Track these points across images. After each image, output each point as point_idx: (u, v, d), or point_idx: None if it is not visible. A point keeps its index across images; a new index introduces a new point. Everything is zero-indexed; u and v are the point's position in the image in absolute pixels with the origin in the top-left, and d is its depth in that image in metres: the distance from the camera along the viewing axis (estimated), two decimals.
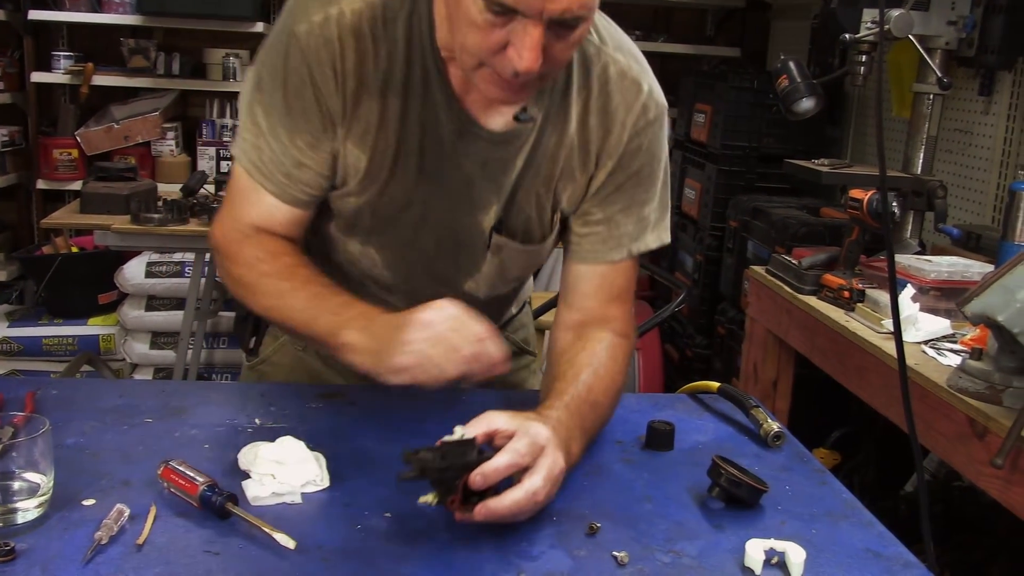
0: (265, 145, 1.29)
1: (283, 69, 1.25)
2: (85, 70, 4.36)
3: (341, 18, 1.22)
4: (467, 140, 1.30)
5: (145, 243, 3.46)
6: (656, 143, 1.37)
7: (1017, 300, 1.53)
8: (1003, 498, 1.66)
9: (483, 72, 1.16)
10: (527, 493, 1.05)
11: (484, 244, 1.39)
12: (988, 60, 2.73)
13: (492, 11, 1.08)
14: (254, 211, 1.33)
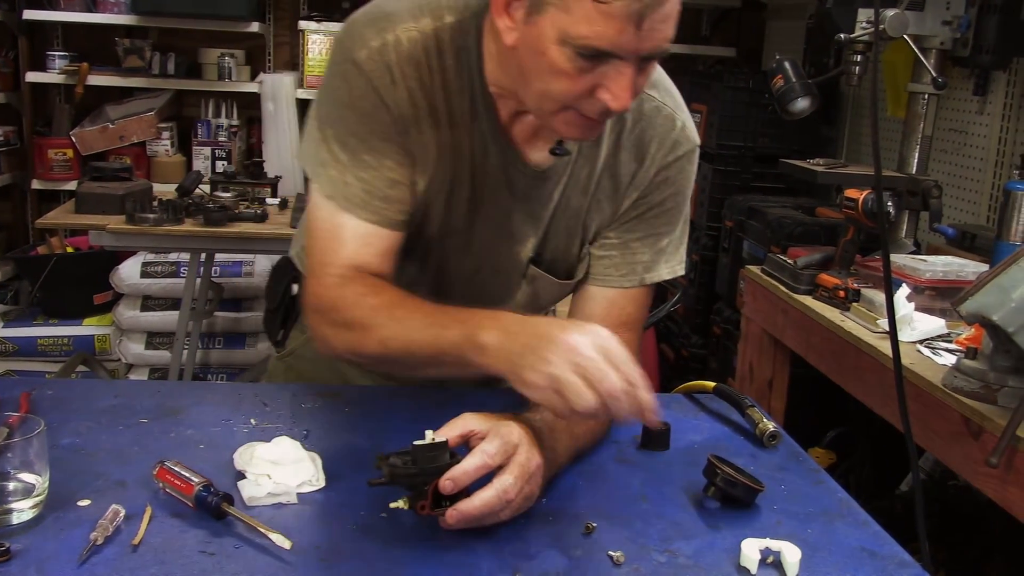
0: (352, 178, 1.26)
1: (349, 95, 1.24)
2: (80, 70, 4.35)
3: (398, 45, 1.23)
4: (511, 174, 1.32)
5: (140, 243, 3.45)
6: (683, 178, 1.39)
7: (1012, 299, 1.53)
8: (998, 497, 1.66)
9: (566, 115, 1.17)
10: (497, 491, 1.04)
11: (520, 274, 1.42)
12: (983, 60, 2.73)
13: (583, 57, 1.09)
14: (348, 249, 1.27)
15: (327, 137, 1.27)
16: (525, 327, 1.09)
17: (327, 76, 1.28)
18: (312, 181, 1.30)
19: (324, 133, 1.28)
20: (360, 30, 1.25)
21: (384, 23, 1.24)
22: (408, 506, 1.06)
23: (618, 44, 1.07)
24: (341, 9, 4.54)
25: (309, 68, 4.43)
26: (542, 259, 1.42)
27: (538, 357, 1.04)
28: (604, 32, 1.07)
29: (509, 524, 1.08)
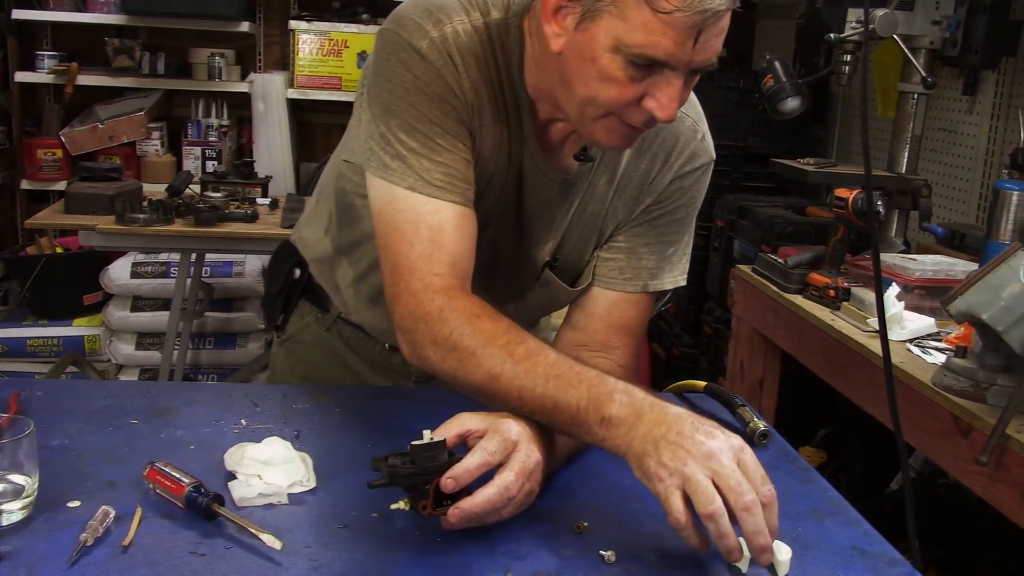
0: (429, 163, 1.20)
1: (416, 81, 1.21)
2: (69, 70, 4.34)
3: (457, 37, 1.22)
4: (539, 177, 1.32)
5: (130, 243, 3.44)
6: (697, 190, 1.41)
7: (1001, 298, 1.54)
8: (988, 495, 1.67)
9: (608, 121, 1.16)
10: (499, 488, 1.04)
11: (534, 278, 1.43)
12: (972, 60, 2.74)
13: (635, 66, 1.10)
14: (446, 240, 1.20)
15: (392, 129, 1.21)
16: (660, 413, 1.04)
17: (381, 68, 1.23)
18: (382, 178, 1.22)
19: (388, 126, 1.22)
20: (416, 21, 1.22)
21: (439, 15, 1.22)
22: (409, 507, 1.06)
23: (673, 55, 1.08)
24: (331, 9, 4.53)
25: (299, 68, 4.43)
26: (557, 263, 1.43)
27: (674, 453, 1.00)
28: (661, 42, 1.07)
29: (501, 523, 1.08)
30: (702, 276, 3.73)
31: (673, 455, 1.00)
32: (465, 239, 1.23)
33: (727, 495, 0.98)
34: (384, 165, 1.22)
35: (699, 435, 1.01)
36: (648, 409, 1.05)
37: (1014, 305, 1.53)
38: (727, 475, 0.98)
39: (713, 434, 1.01)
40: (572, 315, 1.44)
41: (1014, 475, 1.58)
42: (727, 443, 1.01)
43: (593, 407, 1.07)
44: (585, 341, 1.40)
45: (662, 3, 1.05)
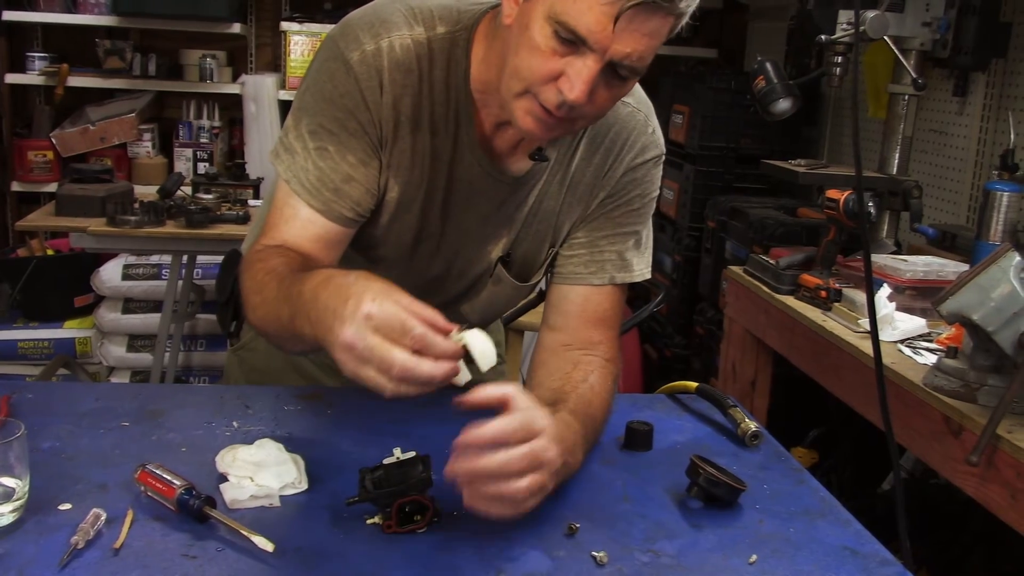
0: (311, 165, 1.28)
1: (333, 91, 1.27)
2: (60, 71, 4.32)
3: (391, 51, 1.26)
4: (488, 182, 1.34)
5: (121, 245, 3.43)
6: (649, 182, 1.43)
7: (991, 299, 1.55)
8: (978, 495, 1.67)
9: (525, 101, 1.17)
10: (497, 433, 1.02)
11: (488, 275, 1.45)
12: (962, 61, 2.75)
13: (558, 38, 1.11)
14: (287, 227, 1.30)
15: (300, 125, 1.30)
16: (330, 286, 1.04)
17: (315, 69, 1.30)
18: (276, 163, 1.32)
19: (299, 121, 1.30)
20: (356, 32, 1.27)
21: (380, 28, 1.26)
22: (381, 521, 1.08)
23: (592, 32, 1.09)
24: (322, 10, 4.53)
25: (291, 69, 4.42)
26: (512, 260, 1.45)
27: (339, 318, 0.99)
28: (584, 15, 1.08)
29: (492, 525, 1.08)
30: (694, 277, 3.74)
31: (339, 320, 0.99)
32: (308, 239, 1.29)
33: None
34: (282, 153, 1.31)
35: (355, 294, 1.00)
36: (322, 286, 1.05)
37: (1004, 306, 1.54)
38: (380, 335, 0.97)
39: (364, 300, 0.99)
40: (548, 317, 1.45)
41: (1004, 475, 1.59)
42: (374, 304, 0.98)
43: (301, 312, 1.08)
44: (567, 340, 1.41)
45: None
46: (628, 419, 1.39)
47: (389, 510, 1.07)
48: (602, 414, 1.31)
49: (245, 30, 4.56)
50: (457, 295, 1.48)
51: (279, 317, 1.14)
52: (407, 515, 1.07)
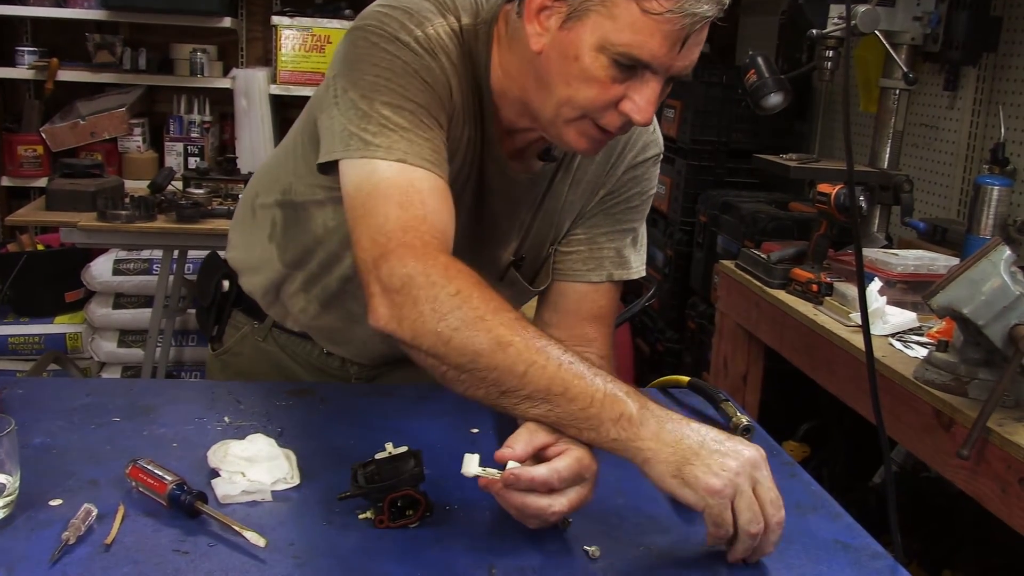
0: (418, 139, 1.16)
1: (404, 66, 1.18)
2: (50, 65, 4.30)
3: (439, 37, 1.22)
4: (503, 180, 1.34)
5: (112, 240, 3.42)
6: (648, 180, 1.44)
7: (982, 293, 1.55)
8: (969, 488, 1.68)
9: (582, 124, 1.17)
10: (549, 476, 1.02)
11: (498, 277, 1.44)
12: (953, 55, 2.75)
13: (618, 66, 1.10)
14: (431, 204, 1.13)
15: (376, 108, 1.16)
16: (678, 418, 1.03)
17: (364, 55, 1.19)
18: (364, 157, 1.15)
19: (371, 106, 1.16)
20: (398, 20, 1.20)
21: (420, 16, 1.22)
22: (373, 516, 1.08)
23: (657, 57, 1.09)
24: (313, 4, 4.52)
25: (282, 63, 4.41)
26: (521, 262, 1.44)
27: (721, 462, 0.99)
28: (647, 43, 1.08)
29: (485, 519, 1.08)
30: (686, 271, 3.74)
31: (721, 464, 0.99)
32: (451, 213, 1.17)
33: (765, 508, 1.00)
34: (366, 143, 1.15)
35: (730, 442, 1.01)
36: (664, 414, 1.03)
37: (994, 300, 1.54)
38: (769, 487, 1.01)
39: (741, 440, 1.03)
40: (543, 314, 1.45)
41: (995, 468, 1.60)
42: (758, 451, 1.02)
43: (610, 401, 1.01)
44: (562, 336, 1.38)
45: (653, 4, 1.06)
46: None
47: (381, 505, 1.07)
48: None
49: (236, 24, 4.54)
50: None
51: (557, 376, 1.03)
52: (399, 510, 1.07)
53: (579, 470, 1.04)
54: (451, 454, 1.22)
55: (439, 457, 1.20)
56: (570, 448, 1.05)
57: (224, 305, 1.63)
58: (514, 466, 1.03)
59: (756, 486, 1.00)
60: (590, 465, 1.06)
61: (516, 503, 1.03)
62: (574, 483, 1.04)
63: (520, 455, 1.04)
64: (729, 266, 2.79)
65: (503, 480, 1.02)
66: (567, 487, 1.04)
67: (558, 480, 1.02)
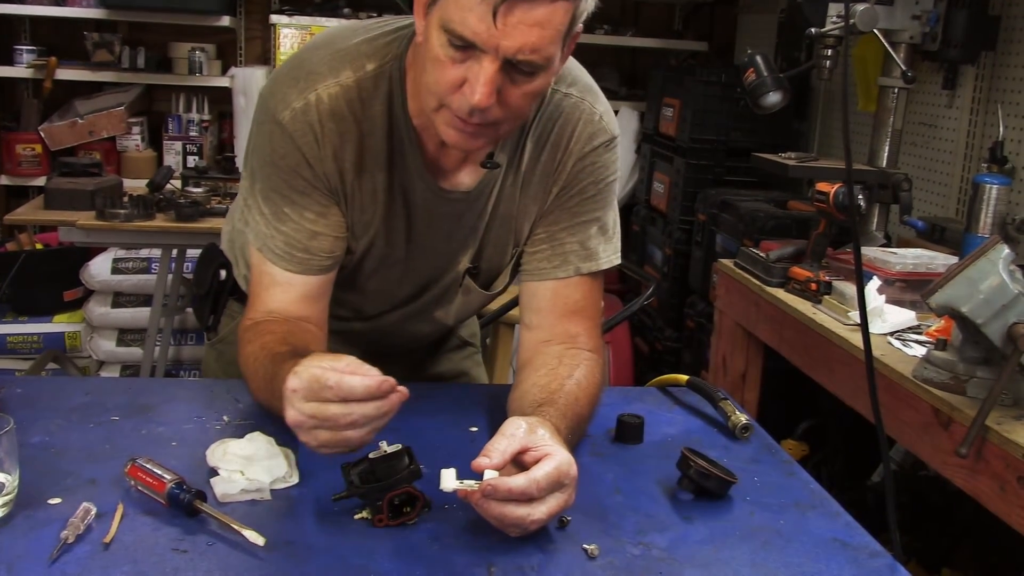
0: (274, 231, 1.31)
1: (273, 153, 1.28)
2: (48, 64, 4.29)
3: (320, 104, 1.26)
4: (443, 203, 1.36)
5: (111, 239, 3.42)
6: (602, 166, 1.40)
7: (980, 291, 1.55)
8: (968, 487, 1.68)
9: (442, 114, 1.19)
10: (527, 487, 1.03)
11: (457, 285, 1.46)
12: (951, 54, 2.75)
13: (453, 45, 1.12)
14: (268, 297, 1.34)
15: (254, 190, 1.33)
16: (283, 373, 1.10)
17: (254, 132, 1.33)
18: (245, 228, 1.37)
19: (252, 185, 1.33)
20: (283, 90, 1.28)
21: (305, 82, 1.27)
22: (370, 516, 1.08)
23: (478, 33, 1.09)
24: (312, 3, 4.51)
25: (281, 62, 4.40)
26: (479, 270, 1.46)
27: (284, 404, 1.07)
28: (467, 18, 1.09)
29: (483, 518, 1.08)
30: (684, 270, 3.74)
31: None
32: (292, 301, 1.33)
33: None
34: (247, 218, 1.36)
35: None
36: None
37: (993, 298, 1.55)
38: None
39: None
40: (524, 318, 1.45)
41: (994, 467, 1.60)
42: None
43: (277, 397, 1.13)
44: (546, 337, 1.40)
45: None
46: (619, 412, 1.39)
47: (379, 504, 1.06)
48: (589, 410, 1.31)
49: (235, 23, 4.54)
50: (430, 305, 1.49)
51: (269, 405, 1.21)
52: (396, 508, 1.07)
53: (558, 477, 1.05)
54: (450, 452, 1.22)
55: (437, 455, 1.20)
56: (550, 454, 1.06)
57: (220, 294, 1.65)
58: (492, 475, 1.03)
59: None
60: (568, 471, 1.06)
61: (495, 513, 1.03)
62: (553, 490, 1.05)
63: (497, 464, 1.05)
64: (728, 265, 2.79)
65: (481, 491, 1.02)
66: (547, 495, 1.04)
67: (536, 489, 1.03)
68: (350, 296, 1.45)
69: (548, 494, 1.04)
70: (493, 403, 1.41)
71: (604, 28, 4.56)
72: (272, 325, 1.30)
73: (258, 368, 1.24)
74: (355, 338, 1.56)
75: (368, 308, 1.49)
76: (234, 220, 1.58)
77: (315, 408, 1.04)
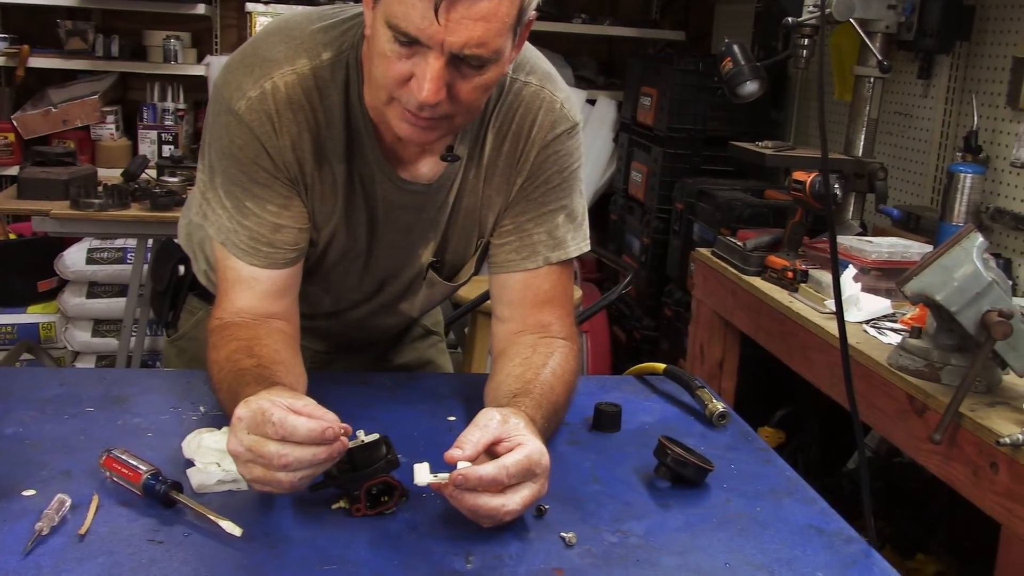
0: (237, 225, 1.29)
1: (231, 145, 1.26)
2: (20, 52, 4.24)
3: (276, 92, 1.24)
4: (403, 195, 1.34)
5: (85, 229, 3.39)
6: (565, 155, 1.38)
7: (954, 279, 1.56)
8: (941, 473, 1.70)
9: (393, 107, 1.18)
10: (499, 471, 1.03)
11: (421, 278, 1.45)
12: (927, 44, 2.77)
13: (398, 42, 1.11)
14: (236, 294, 1.31)
15: (214, 184, 1.30)
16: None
17: (210, 124, 1.29)
18: (205, 223, 1.34)
19: (212, 179, 1.30)
20: (238, 79, 1.25)
21: (261, 70, 1.24)
22: (348, 505, 1.08)
23: (420, 29, 1.08)
24: None
25: None
26: (442, 263, 1.45)
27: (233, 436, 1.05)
28: (410, 14, 1.08)
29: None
30: (662, 259, 3.75)
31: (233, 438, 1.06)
32: (257, 297, 1.31)
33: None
34: (207, 212, 1.33)
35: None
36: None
37: (967, 286, 1.56)
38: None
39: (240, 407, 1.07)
40: (496, 310, 1.44)
41: (967, 453, 1.61)
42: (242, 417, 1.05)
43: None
44: (518, 328, 1.40)
45: None
46: (596, 400, 1.39)
47: (357, 494, 1.06)
48: (565, 398, 1.31)
49: (210, 11, 4.50)
50: (394, 298, 1.48)
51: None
52: (374, 497, 1.07)
53: (528, 465, 1.05)
54: (428, 442, 1.23)
55: (415, 445, 1.20)
56: (521, 444, 1.06)
57: (179, 290, 1.63)
58: (464, 466, 1.03)
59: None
60: (540, 460, 1.06)
61: (468, 504, 1.03)
62: (525, 479, 1.05)
63: (469, 455, 1.05)
64: (705, 254, 2.80)
65: (452, 481, 1.02)
66: (518, 483, 1.04)
67: (507, 476, 1.03)
68: (314, 291, 1.44)
69: (519, 482, 1.04)
70: (470, 393, 1.41)
71: (582, 17, 4.55)
72: (239, 330, 1.27)
73: (222, 380, 1.21)
74: (320, 333, 1.55)
75: (332, 303, 1.47)
76: (191, 214, 1.55)
77: (253, 442, 1.01)
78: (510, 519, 1.05)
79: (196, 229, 1.52)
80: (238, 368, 1.19)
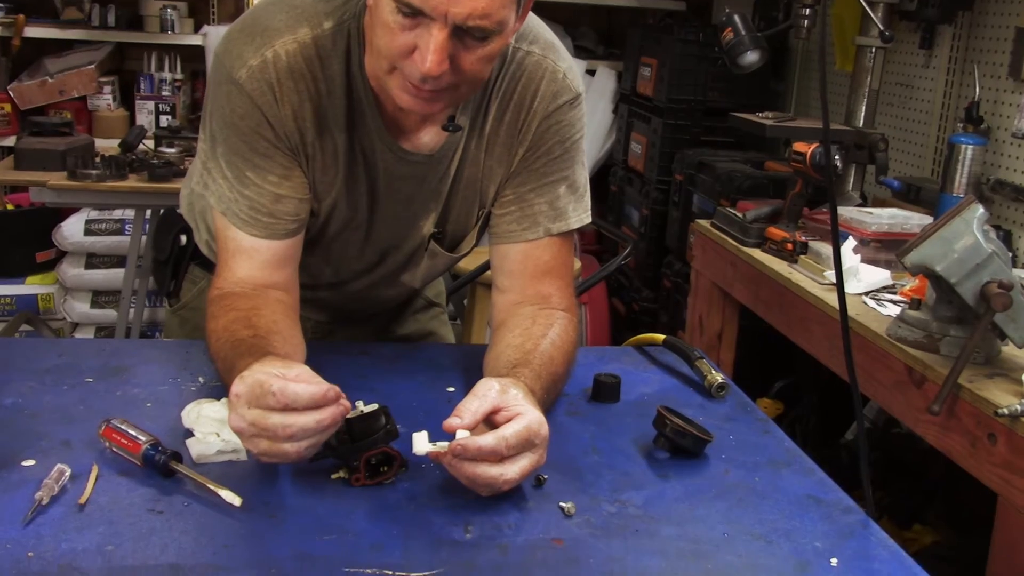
0: (238, 195, 1.28)
1: (232, 115, 1.25)
2: (16, 22, 4.22)
3: (277, 61, 1.23)
4: (404, 165, 1.34)
5: (83, 200, 3.38)
6: (567, 126, 1.38)
7: (954, 251, 1.56)
8: (939, 444, 1.70)
9: (395, 77, 1.17)
10: (498, 441, 1.03)
11: (423, 249, 1.45)
12: (929, 14, 2.75)
13: (401, 12, 1.10)
14: (236, 264, 1.31)
15: (216, 154, 1.30)
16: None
17: (211, 92, 1.29)
18: (206, 192, 1.34)
19: (213, 148, 1.30)
20: (239, 48, 1.24)
21: (262, 39, 1.23)
22: (347, 475, 1.08)
23: (425, 0, 1.07)
24: None
25: None
26: (444, 233, 1.44)
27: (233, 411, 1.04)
28: None
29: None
30: (661, 230, 3.75)
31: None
32: (258, 267, 1.31)
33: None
34: (208, 181, 1.33)
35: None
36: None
37: (967, 257, 1.56)
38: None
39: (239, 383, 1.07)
40: (496, 280, 1.44)
41: (965, 424, 1.62)
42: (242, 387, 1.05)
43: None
44: (518, 299, 1.39)
45: None
46: (596, 371, 1.39)
47: (356, 464, 1.06)
48: (564, 368, 1.31)
49: None
50: (395, 269, 1.48)
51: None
52: (373, 467, 1.07)
53: (528, 436, 1.05)
54: (427, 412, 1.23)
55: (414, 415, 1.20)
56: (520, 414, 1.06)
57: (181, 260, 1.63)
58: (463, 436, 1.03)
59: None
60: (539, 430, 1.06)
61: (467, 473, 1.03)
62: (524, 449, 1.05)
63: (468, 424, 1.05)
64: (705, 225, 2.79)
65: (451, 451, 1.02)
66: (516, 454, 1.04)
67: (506, 447, 1.03)
68: (315, 262, 1.43)
69: (518, 453, 1.04)
70: (470, 363, 1.41)
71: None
72: (238, 300, 1.27)
73: (220, 350, 1.21)
74: (321, 304, 1.55)
75: (333, 274, 1.47)
76: (192, 183, 1.55)
77: (256, 416, 1.01)
78: (508, 488, 1.05)
79: (197, 199, 1.52)
80: (235, 339, 1.19)
